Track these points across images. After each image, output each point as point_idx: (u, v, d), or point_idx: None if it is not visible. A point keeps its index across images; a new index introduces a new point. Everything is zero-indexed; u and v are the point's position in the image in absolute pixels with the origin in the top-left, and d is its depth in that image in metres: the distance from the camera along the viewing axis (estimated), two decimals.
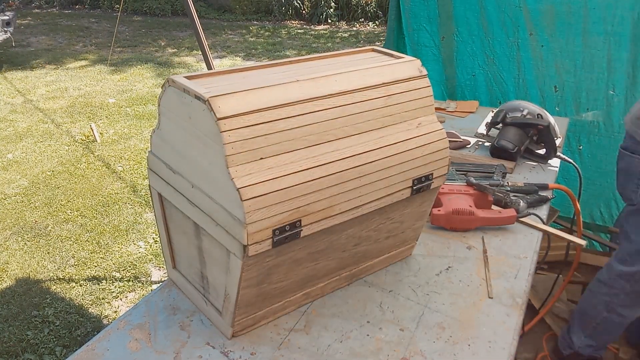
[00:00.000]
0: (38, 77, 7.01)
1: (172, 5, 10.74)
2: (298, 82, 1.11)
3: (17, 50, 8.11)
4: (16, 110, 5.86)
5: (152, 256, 3.40)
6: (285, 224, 1.06)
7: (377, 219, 1.28)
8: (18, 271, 3.24)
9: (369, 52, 1.43)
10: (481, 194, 1.68)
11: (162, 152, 1.20)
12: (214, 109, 0.99)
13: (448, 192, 1.68)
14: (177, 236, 1.30)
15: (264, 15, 10.66)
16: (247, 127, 1.01)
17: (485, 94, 2.99)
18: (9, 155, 4.79)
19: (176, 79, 1.09)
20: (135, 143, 5.07)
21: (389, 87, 1.23)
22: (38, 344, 2.67)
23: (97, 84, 6.80)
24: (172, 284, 1.39)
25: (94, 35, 9.29)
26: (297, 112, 1.08)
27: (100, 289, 3.09)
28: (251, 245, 1.02)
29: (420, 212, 1.41)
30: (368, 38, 9.27)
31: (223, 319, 1.20)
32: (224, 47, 8.63)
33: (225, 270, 1.12)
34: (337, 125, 1.14)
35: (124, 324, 1.24)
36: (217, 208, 1.05)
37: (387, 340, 1.21)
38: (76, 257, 3.38)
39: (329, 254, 1.25)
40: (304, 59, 1.31)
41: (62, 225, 3.72)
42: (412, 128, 1.26)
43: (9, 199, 4.07)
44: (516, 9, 2.73)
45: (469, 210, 1.61)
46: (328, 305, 1.33)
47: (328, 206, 1.12)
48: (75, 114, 5.78)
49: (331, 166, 1.11)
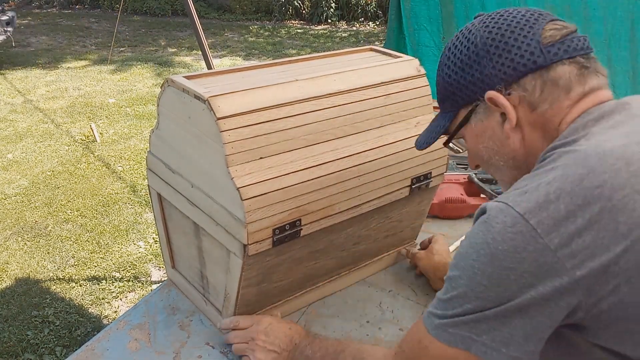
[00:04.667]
0: (38, 77, 7.01)
1: (172, 5, 10.74)
2: (297, 82, 1.12)
3: (17, 50, 8.11)
4: (16, 110, 5.85)
5: (152, 256, 3.40)
6: (285, 223, 1.06)
7: (376, 218, 1.28)
8: (18, 271, 3.24)
9: (368, 51, 1.43)
10: (471, 183, 1.73)
11: (162, 152, 1.20)
12: (214, 109, 0.99)
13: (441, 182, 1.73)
14: (177, 236, 1.30)
15: (264, 15, 10.66)
16: (247, 126, 1.01)
17: None
18: (9, 155, 4.79)
19: (175, 79, 1.09)
20: (135, 143, 5.07)
21: (388, 87, 1.23)
22: (38, 344, 2.67)
23: (97, 84, 6.80)
24: (172, 284, 1.39)
25: (94, 35, 9.28)
26: (297, 111, 1.08)
27: (100, 289, 3.09)
28: (251, 244, 1.02)
29: (419, 210, 1.41)
30: (368, 38, 9.27)
31: (223, 319, 1.20)
32: (224, 47, 8.63)
33: (225, 269, 1.12)
34: (336, 124, 1.14)
35: (123, 324, 1.24)
36: (217, 208, 1.05)
37: (387, 340, 1.21)
38: (76, 257, 3.38)
39: (329, 253, 1.25)
40: (303, 59, 1.32)
41: (62, 225, 3.72)
42: (411, 127, 1.27)
43: (9, 199, 4.07)
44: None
45: (461, 198, 1.67)
46: (328, 305, 1.33)
47: (327, 205, 1.12)
48: (75, 114, 5.78)
49: (330, 165, 1.11)
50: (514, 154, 0.87)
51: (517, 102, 0.83)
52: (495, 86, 0.83)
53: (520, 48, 0.81)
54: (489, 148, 0.90)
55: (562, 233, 0.69)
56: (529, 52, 0.81)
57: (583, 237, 0.68)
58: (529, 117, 0.83)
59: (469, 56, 0.86)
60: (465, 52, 0.86)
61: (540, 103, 0.82)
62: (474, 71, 0.85)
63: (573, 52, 0.81)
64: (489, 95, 0.84)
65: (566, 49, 0.81)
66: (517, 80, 0.82)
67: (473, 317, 0.75)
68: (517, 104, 0.83)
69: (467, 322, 0.75)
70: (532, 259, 0.69)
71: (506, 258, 0.70)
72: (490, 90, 0.84)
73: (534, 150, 0.84)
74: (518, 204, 0.72)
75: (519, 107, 0.83)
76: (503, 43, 0.83)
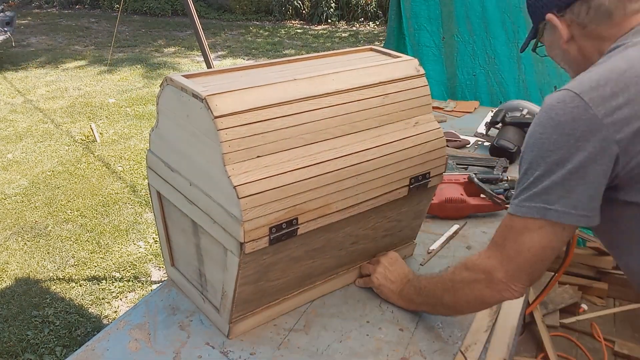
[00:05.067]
0: (38, 77, 7.02)
1: (172, 5, 10.74)
2: (295, 81, 1.12)
3: (17, 50, 8.11)
4: (16, 110, 5.86)
5: (152, 256, 3.40)
6: (281, 222, 1.06)
7: (374, 218, 1.28)
8: (18, 271, 3.24)
9: (367, 51, 1.43)
10: (471, 183, 1.73)
11: (161, 151, 1.21)
12: (211, 107, 0.99)
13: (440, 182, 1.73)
14: (176, 234, 1.30)
15: (263, 15, 10.66)
16: (244, 125, 1.01)
17: (486, 94, 2.99)
18: (9, 155, 4.80)
19: (174, 78, 1.09)
20: (135, 143, 5.07)
21: (386, 86, 1.23)
22: (38, 344, 2.68)
23: (97, 84, 6.80)
24: (172, 284, 1.39)
25: (93, 35, 9.29)
26: (294, 110, 1.08)
27: (100, 289, 3.09)
28: (248, 242, 1.02)
29: (418, 210, 1.41)
30: (368, 38, 9.27)
31: (221, 317, 1.20)
32: (223, 47, 8.63)
33: (223, 267, 1.12)
34: (334, 124, 1.14)
35: (123, 324, 1.24)
36: (215, 206, 1.06)
37: (386, 340, 1.21)
38: (76, 257, 3.38)
39: (327, 252, 1.25)
40: (301, 58, 1.32)
41: (62, 225, 3.72)
42: (409, 127, 1.27)
43: (9, 199, 4.07)
44: (516, 9, 2.73)
45: (461, 198, 1.67)
46: (327, 305, 1.33)
47: (324, 204, 1.12)
48: (75, 114, 5.79)
49: (328, 164, 1.11)
50: (574, 59, 1.12)
51: (570, 22, 1.07)
52: (553, 9, 1.08)
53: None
54: (557, 55, 1.16)
55: (607, 107, 0.90)
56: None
57: (622, 110, 0.90)
58: (582, 33, 1.07)
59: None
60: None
61: (588, 23, 1.05)
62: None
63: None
64: (547, 16, 1.10)
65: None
66: (569, 5, 1.06)
67: (543, 186, 0.94)
68: (570, 24, 1.07)
69: (539, 194, 0.95)
70: (585, 125, 0.90)
71: (567, 125, 0.92)
72: (548, 13, 1.09)
73: (589, 55, 1.08)
74: (575, 87, 0.93)
75: (572, 26, 1.07)
76: None
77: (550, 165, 0.93)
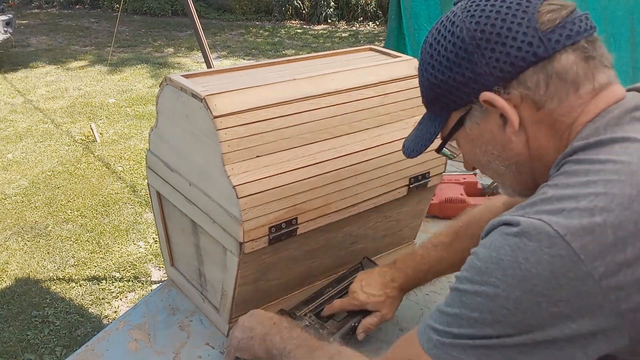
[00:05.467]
0: (38, 77, 7.02)
1: (172, 5, 10.74)
2: (294, 81, 1.12)
3: (17, 50, 8.11)
4: (16, 110, 5.86)
5: (152, 256, 3.40)
6: (281, 222, 1.06)
7: (373, 217, 1.28)
8: (18, 271, 3.25)
9: (367, 51, 1.43)
10: (471, 183, 1.74)
11: (161, 151, 1.21)
12: (210, 107, 0.99)
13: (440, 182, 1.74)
14: (175, 234, 1.30)
15: (263, 15, 10.66)
16: (243, 125, 1.01)
17: None
18: (9, 155, 4.80)
19: (173, 78, 1.09)
20: (135, 143, 5.07)
21: (386, 86, 1.23)
22: (38, 344, 2.68)
23: (97, 84, 6.80)
24: (172, 284, 1.39)
25: (94, 35, 9.28)
26: (293, 110, 1.08)
27: (100, 289, 3.09)
28: (247, 242, 1.02)
29: (418, 210, 1.41)
30: (368, 38, 9.27)
31: (220, 316, 1.20)
32: (224, 47, 8.63)
33: (222, 267, 1.12)
34: (333, 123, 1.14)
35: (123, 324, 1.24)
36: (214, 206, 1.06)
37: (387, 340, 1.21)
38: (76, 257, 3.38)
39: (326, 252, 1.25)
40: (301, 58, 1.32)
41: (62, 225, 3.72)
42: (409, 127, 1.27)
43: (9, 199, 4.07)
44: None
45: (460, 198, 1.68)
46: None
47: (324, 204, 1.12)
48: (75, 114, 5.79)
49: (327, 164, 1.11)
50: (517, 158, 0.77)
51: (519, 101, 0.72)
52: (491, 86, 0.72)
53: (516, 39, 0.70)
54: (487, 152, 0.79)
55: (609, 262, 0.59)
56: (526, 42, 0.70)
57: (633, 269, 0.60)
58: (535, 117, 0.73)
59: (456, 53, 0.74)
60: (451, 48, 0.75)
61: (547, 100, 0.71)
62: (465, 70, 0.73)
63: (576, 35, 0.71)
64: (484, 97, 0.73)
65: (568, 34, 0.70)
66: (516, 76, 0.71)
67: (486, 342, 0.65)
68: (520, 104, 0.72)
69: (476, 347, 0.65)
70: (571, 288, 0.60)
71: (540, 283, 0.61)
72: (485, 91, 0.73)
73: (541, 152, 0.75)
74: (556, 223, 0.61)
75: (521, 107, 0.72)
76: (495, 34, 0.71)
77: (501, 327, 0.64)
